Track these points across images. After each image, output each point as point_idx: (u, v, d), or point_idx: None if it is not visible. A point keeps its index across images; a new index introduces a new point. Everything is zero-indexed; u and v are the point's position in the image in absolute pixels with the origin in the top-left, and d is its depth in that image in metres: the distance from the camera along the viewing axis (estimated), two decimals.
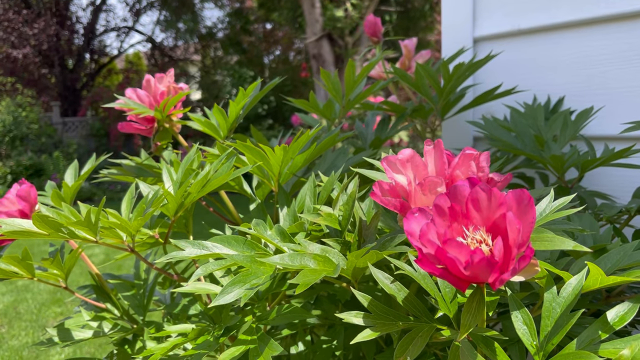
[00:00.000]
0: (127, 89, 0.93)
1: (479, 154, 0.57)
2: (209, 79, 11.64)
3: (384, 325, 0.45)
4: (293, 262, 0.50)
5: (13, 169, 9.13)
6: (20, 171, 9.21)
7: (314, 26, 8.81)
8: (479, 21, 1.25)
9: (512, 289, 0.59)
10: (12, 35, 10.71)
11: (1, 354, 3.05)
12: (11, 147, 9.53)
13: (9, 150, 9.47)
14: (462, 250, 0.39)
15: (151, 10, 13.04)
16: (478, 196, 0.42)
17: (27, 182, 0.87)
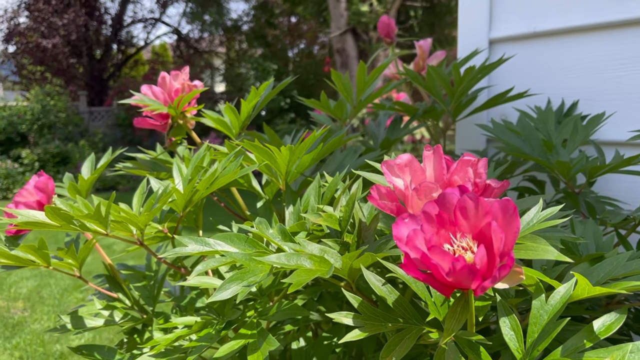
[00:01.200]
0: (142, 85, 0.96)
1: (477, 160, 0.58)
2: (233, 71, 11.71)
3: (372, 326, 0.47)
4: (289, 262, 0.52)
5: (40, 157, 9.33)
6: (47, 159, 9.41)
7: (339, 21, 8.80)
8: (495, 23, 1.25)
9: (508, 295, 0.60)
10: (42, 25, 10.92)
11: (23, 337, 3.14)
12: (39, 135, 9.73)
13: (37, 138, 9.67)
14: (445, 257, 0.40)
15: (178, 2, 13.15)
16: (466, 204, 0.43)
17: (45, 174, 0.91)
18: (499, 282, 0.43)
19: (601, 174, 0.85)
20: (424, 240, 0.42)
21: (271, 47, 11.46)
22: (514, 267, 0.44)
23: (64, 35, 11.19)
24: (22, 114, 9.70)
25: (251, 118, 1.00)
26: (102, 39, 12.34)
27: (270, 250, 0.60)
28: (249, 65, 10.82)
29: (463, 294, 0.44)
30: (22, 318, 3.47)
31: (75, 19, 11.13)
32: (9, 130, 9.56)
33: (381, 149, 1.05)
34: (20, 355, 2.91)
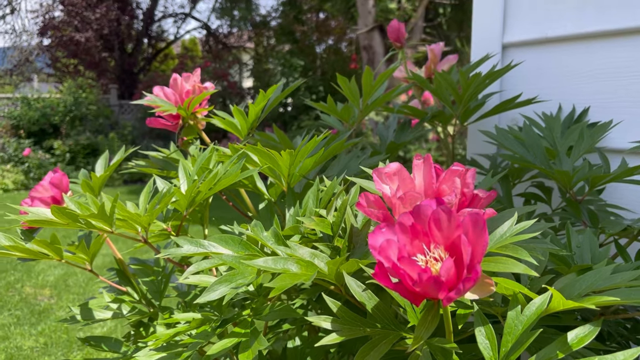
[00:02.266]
0: (155, 87, 0.99)
1: (465, 170, 0.59)
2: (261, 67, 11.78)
3: (350, 330, 0.49)
4: (276, 266, 0.54)
5: (71, 148, 9.56)
6: (78, 150, 9.64)
7: (366, 18, 8.77)
8: (508, 27, 1.24)
9: (494, 304, 0.61)
10: (76, 20, 11.16)
11: (48, 324, 3.24)
12: (71, 126, 9.96)
13: (68, 130, 9.90)
14: (413, 268, 0.41)
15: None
16: (439, 217, 0.44)
17: (59, 170, 0.95)
18: (469, 293, 0.44)
19: (603, 183, 0.85)
20: (397, 250, 0.43)
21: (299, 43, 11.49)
22: (485, 278, 0.45)
23: (97, 29, 11.42)
24: (55, 106, 9.95)
25: (260, 119, 1.02)
26: (133, 34, 12.55)
27: (261, 253, 0.62)
28: (276, 61, 10.88)
29: (433, 304, 0.46)
30: (48, 305, 3.58)
31: (107, 13, 11.34)
32: (42, 122, 9.82)
33: (387, 152, 1.06)
34: (44, 342, 3.00)
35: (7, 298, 3.71)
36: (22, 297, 3.72)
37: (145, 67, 13.25)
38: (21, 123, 9.71)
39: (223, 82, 10.48)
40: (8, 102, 10.11)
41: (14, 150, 9.25)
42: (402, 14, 8.72)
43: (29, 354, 2.87)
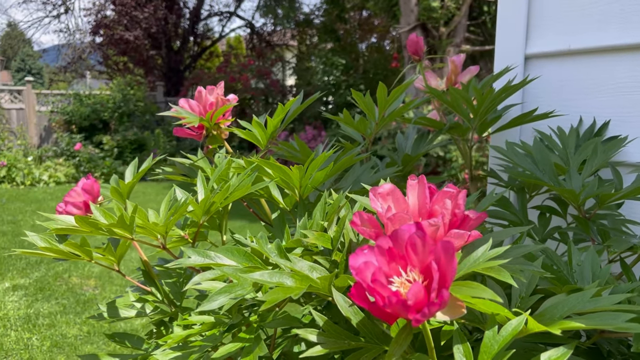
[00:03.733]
0: (180, 99, 1.04)
1: (457, 192, 0.62)
2: (303, 65, 11.87)
3: (335, 343, 0.52)
4: (271, 279, 0.58)
5: (119, 143, 9.89)
6: (125, 145, 9.97)
7: (409, 16, 8.72)
8: (531, 39, 1.24)
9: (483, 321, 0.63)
10: (125, 19, 11.53)
11: (92, 312, 3.39)
12: (119, 122, 10.30)
13: (117, 125, 10.25)
14: (384, 290, 0.44)
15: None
16: (415, 241, 0.47)
17: (92, 177, 1.02)
18: (440, 314, 0.47)
19: (613, 200, 0.85)
20: (372, 272, 0.47)
21: (341, 42, 11.52)
22: (456, 301, 0.48)
23: (145, 28, 11.76)
24: (105, 102, 10.31)
25: (280, 130, 1.06)
26: (180, 32, 12.86)
27: (263, 265, 0.66)
28: (318, 59, 10.94)
29: (407, 323, 0.49)
30: (92, 295, 3.74)
31: (155, 12, 11.67)
32: (93, 118, 10.20)
33: (403, 164, 1.09)
34: (87, 330, 3.15)
35: (55, 287, 3.90)
36: (68, 287, 3.90)
37: (191, 64, 13.56)
38: (73, 118, 10.12)
39: (266, 80, 10.62)
40: (62, 98, 10.53)
41: (66, 145, 9.65)
42: (446, 12, 8.62)
43: (72, 342, 3.02)
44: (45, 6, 13.09)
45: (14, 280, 4.05)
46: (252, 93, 10.04)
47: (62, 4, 13.15)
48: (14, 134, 9.88)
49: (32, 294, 3.75)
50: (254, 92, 10.13)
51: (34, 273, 4.20)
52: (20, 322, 3.28)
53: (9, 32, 23.40)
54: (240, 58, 12.99)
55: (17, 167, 8.65)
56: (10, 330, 3.15)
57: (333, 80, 10.29)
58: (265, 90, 10.34)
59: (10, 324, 3.25)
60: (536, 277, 0.63)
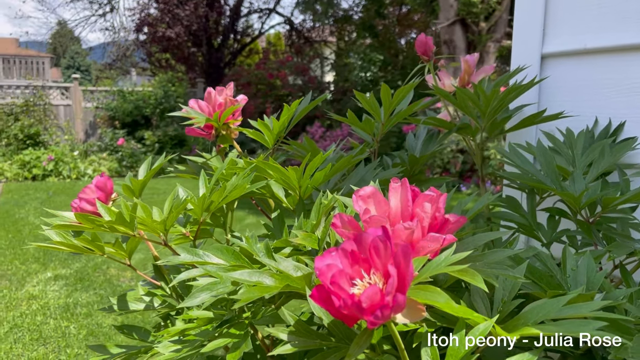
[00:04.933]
0: (190, 100, 1.07)
1: (438, 195, 0.62)
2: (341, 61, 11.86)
3: (304, 342, 0.54)
4: (250, 278, 0.59)
5: (160, 139, 10.13)
6: (166, 141, 10.21)
7: (448, 11, 8.59)
8: (548, 37, 1.22)
9: None
10: (167, 16, 11.77)
11: None
12: (160, 118, 10.55)
13: (158, 121, 10.49)
14: (341, 292, 0.46)
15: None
16: (378, 245, 0.48)
17: (105, 175, 1.06)
18: (401, 317, 0.48)
19: (616, 204, 0.83)
20: (334, 275, 0.48)
21: (379, 37, 11.45)
22: (416, 304, 0.48)
23: (186, 25, 11.99)
24: (147, 98, 10.57)
25: (287, 130, 1.08)
26: (220, 29, 13.05)
27: (249, 264, 0.68)
28: (356, 55, 10.91)
29: None
30: (128, 286, 3.86)
31: (196, 9, 11.87)
32: (135, 114, 10.47)
33: (410, 165, 1.09)
34: (122, 321, 3.25)
35: (94, 278, 4.04)
36: (106, 278, 4.04)
37: (231, 61, 13.75)
38: (117, 114, 10.42)
39: (304, 76, 10.67)
40: (106, 95, 10.86)
41: (109, 140, 9.95)
42: (486, 6, 8.46)
43: (107, 331, 3.13)
44: (92, 5, 13.52)
45: (56, 270, 4.22)
46: (289, 90, 10.10)
47: (108, 3, 13.55)
48: (61, 129, 10.25)
49: (72, 284, 3.89)
50: (292, 88, 10.20)
51: (75, 264, 4.36)
52: (59, 310, 3.41)
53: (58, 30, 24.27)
54: (279, 55, 13.09)
55: (63, 161, 8.97)
56: (50, 319, 3.29)
57: (370, 76, 10.25)
58: (302, 86, 10.39)
59: (50, 312, 3.39)
60: (517, 282, 0.62)
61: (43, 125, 9.82)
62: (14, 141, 9.36)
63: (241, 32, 13.89)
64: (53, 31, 22.44)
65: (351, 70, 10.60)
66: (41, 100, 9.93)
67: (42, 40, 23.03)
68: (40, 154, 8.93)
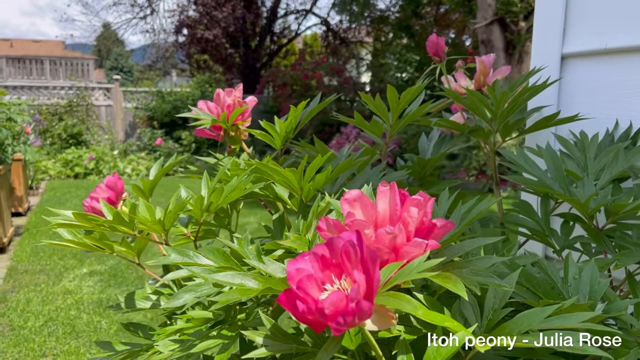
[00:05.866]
0: (199, 101, 1.08)
1: (426, 200, 0.61)
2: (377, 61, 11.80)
3: (279, 346, 0.53)
4: (233, 280, 0.59)
5: (197, 139, 10.29)
6: (202, 140, 10.36)
7: (486, 11, 8.44)
8: (568, 37, 1.18)
9: None
10: (205, 18, 11.96)
11: None
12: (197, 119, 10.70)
13: None
14: (307, 297, 0.45)
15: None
16: (348, 250, 0.47)
17: (116, 174, 1.08)
18: (370, 324, 0.47)
19: (628, 212, 0.79)
20: (303, 279, 0.47)
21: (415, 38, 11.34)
22: (387, 311, 0.47)
23: (224, 27, 12.15)
24: (185, 99, 10.76)
25: (296, 130, 1.08)
26: (257, 30, 13.18)
27: (238, 266, 0.68)
28: (392, 56, 10.84)
29: None
30: None
31: (234, 11, 12.02)
32: (173, 114, 10.67)
33: (419, 168, 1.07)
34: (151, 317, 3.32)
35: (127, 275, 4.14)
36: (138, 275, 4.12)
37: (268, 62, 13.86)
38: (155, 115, 10.64)
39: (339, 77, 10.66)
40: (146, 95, 11.11)
41: (148, 140, 10.17)
42: (525, 5, 8.27)
43: None
44: (133, 8, 13.87)
45: (92, 266, 4.34)
46: (324, 90, 10.11)
47: (148, 6, 13.86)
48: (102, 129, 10.54)
49: (105, 280, 3.99)
50: (327, 89, 10.20)
51: (109, 261, 4.47)
52: (92, 305, 3.51)
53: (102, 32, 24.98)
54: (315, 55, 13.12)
55: (104, 160, 9.22)
56: (83, 313, 3.38)
57: (406, 76, 10.16)
58: (338, 87, 10.38)
59: (83, 307, 3.49)
60: (509, 290, 0.60)
61: (85, 125, 10.11)
62: (57, 140, 9.68)
63: (278, 33, 13.99)
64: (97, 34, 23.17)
65: (387, 70, 10.54)
66: (84, 100, 10.23)
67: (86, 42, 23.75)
68: (82, 153, 9.20)
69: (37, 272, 4.20)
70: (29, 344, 2.96)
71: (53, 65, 16.00)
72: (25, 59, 15.97)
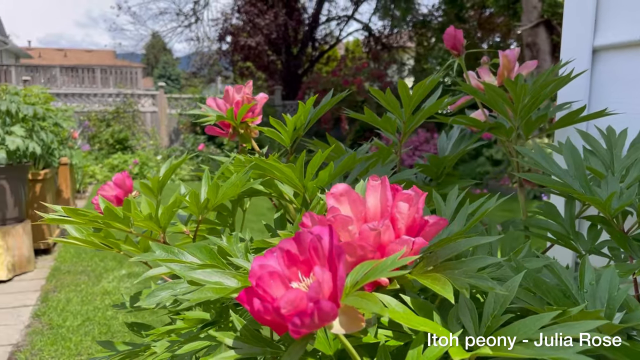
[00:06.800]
0: (208, 98, 1.06)
1: (418, 195, 0.56)
2: (420, 66, 11.67)
3: (249, 349, 0.49)
4: (210, 278, 0.56)
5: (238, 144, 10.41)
6: None
7: (531, 13, 8.22)
8: (600, 29, 1.10)
9: None
10: (248, 26, 12.12)
11: None
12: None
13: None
14: (266, 295, 0.41)
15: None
16: (316, 245, 0.43)
17: (126, 172, 1.07)
18: (338, 326, 0.42)
19: None
20: (265, 276, 0.43)
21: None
22: (356, 314, 0.43)
23: (266, 34, 12.27)
24: None
25: (307, 128, 1.04)
26: (299, 37, 13.25)
27: (223, 264, 0.65)
28: (434, 60, 10.70)
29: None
30: None
31: (276, 18, 12.13)
32: None
33: (433, 166, 1.02)
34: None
35: None
36: None
37: (310, 68, 13.91)
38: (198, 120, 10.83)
39: (380, 82, 10.58)
40: (189, 102, 11.33)
41: (191, 145, 10.35)
42: None
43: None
44: (178, 17, 14.19)
45: (130, 268, 4.42)
46: (364, 96, 10.05)
47: (193, 15, 14.15)
48: (147, 135, 10.79)
49: (142, 282, 4.05)
50: (367, 95, 10.13)
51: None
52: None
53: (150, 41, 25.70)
54: (356, 61, 13.08)
55: (148, 165, 9.43)
56: (119, 314, 3.43)
57: (449, 81, 9.98)
58: None
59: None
60: (510, 294, 0.55)
61: (131, 130, 10.38)
62: (105, 145, 9.97)
63: (319, 39, 14.02)
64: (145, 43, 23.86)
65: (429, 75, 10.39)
66: (130, 107, 10.51)
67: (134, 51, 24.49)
68: (128, 158, 9.44)
69: (78, 273, 4.30)
70: (66, 342, 3.02)
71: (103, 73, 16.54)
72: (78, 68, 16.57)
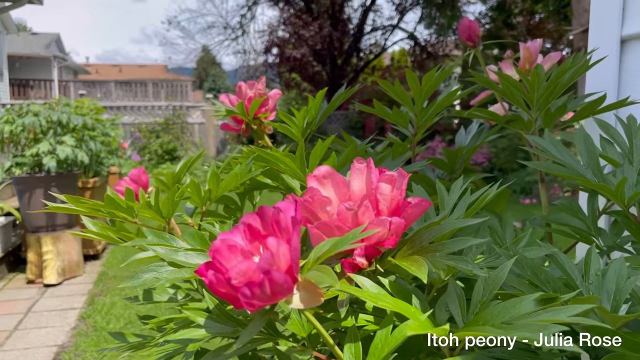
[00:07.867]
0: (221, 94, 1.07)
1: (402, 176, 0.54)
2: (466, 74, 11.49)
3: (221, 328, 0.48)
4: (192, 261, 0.56)
5: None
6: None
7: (581, 17, 7.96)
8: (629, 18, 1.05)
9: None
10: (294, 37, 12.26)
11: None
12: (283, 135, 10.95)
13: (281, 137, 10.91)
14: (220, 267, 0.40)
15: (416, 8, 13.37)
16: (277, 219, 0.42)
17: (142, 168, 1.09)
18: (297, 301, 0.41)
19: None
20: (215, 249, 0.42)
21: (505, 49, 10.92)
22: (315, 288, 0.41)
23: (311, 45, 12.37)
24: None
25: (319, 123, 1.03)
26: (343, 48, 13.29)
27: None
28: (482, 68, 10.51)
29: (264, 310, 0.43)
30: None
31: (320, 30, 12.22)
32: None
33: (448, 160, 0.99)
34: None
35: None
36: None
37: (355, 78, 13.91)
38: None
39: None
40: None
41: None
42: None
43: None
44: (226, 30, 14.52)
45: None
46: None
47: (240, 27, 14.44)
48: (195, 145, 11.04)
49: None
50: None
51: None
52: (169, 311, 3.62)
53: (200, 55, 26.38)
54: (401, 70, 12.98)
55: (196, 174, 9.64)
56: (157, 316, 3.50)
57: None
58: None
59: (161, 311, 3.61)
60: (499, 280, 0.52)
61: (180, 141, 10.64)
62: (154, 156, 10.25)
63: (364, 49, 14.02)
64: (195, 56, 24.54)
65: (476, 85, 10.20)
66: (179, 119, 10.79)
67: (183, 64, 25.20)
68: None
69: (124, 278, 4.42)
70: (108, 344, 3.10)
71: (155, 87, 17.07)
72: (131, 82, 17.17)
